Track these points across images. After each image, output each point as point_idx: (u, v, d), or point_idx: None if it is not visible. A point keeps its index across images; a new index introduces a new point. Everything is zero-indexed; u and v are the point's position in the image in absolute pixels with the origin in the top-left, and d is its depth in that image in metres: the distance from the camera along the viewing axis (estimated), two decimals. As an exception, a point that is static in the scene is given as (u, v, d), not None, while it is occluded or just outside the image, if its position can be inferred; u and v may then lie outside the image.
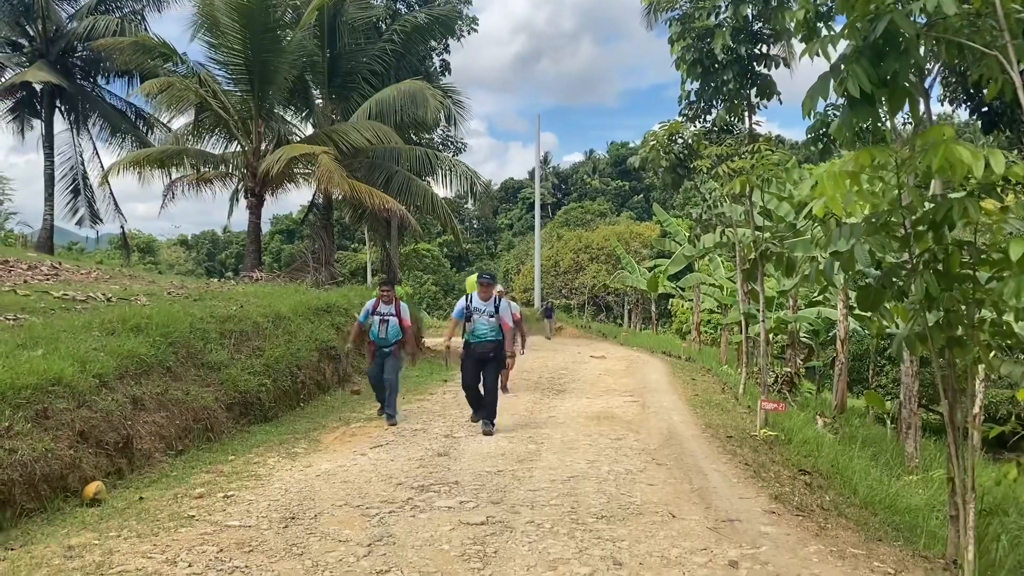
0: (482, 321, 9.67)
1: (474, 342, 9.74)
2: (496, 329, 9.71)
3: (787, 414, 10.81)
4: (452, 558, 5.17)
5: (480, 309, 9.72)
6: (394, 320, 10.32)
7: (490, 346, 9.69)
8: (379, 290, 10.66)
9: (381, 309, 10.35)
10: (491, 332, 9.69)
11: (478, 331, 9.72)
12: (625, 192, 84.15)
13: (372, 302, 10.52)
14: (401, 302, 10.59)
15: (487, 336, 9.70)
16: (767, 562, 5.23)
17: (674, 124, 11.45)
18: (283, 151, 18.10)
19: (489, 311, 9.70)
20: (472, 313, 9.74)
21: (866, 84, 5.25)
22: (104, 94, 27.21)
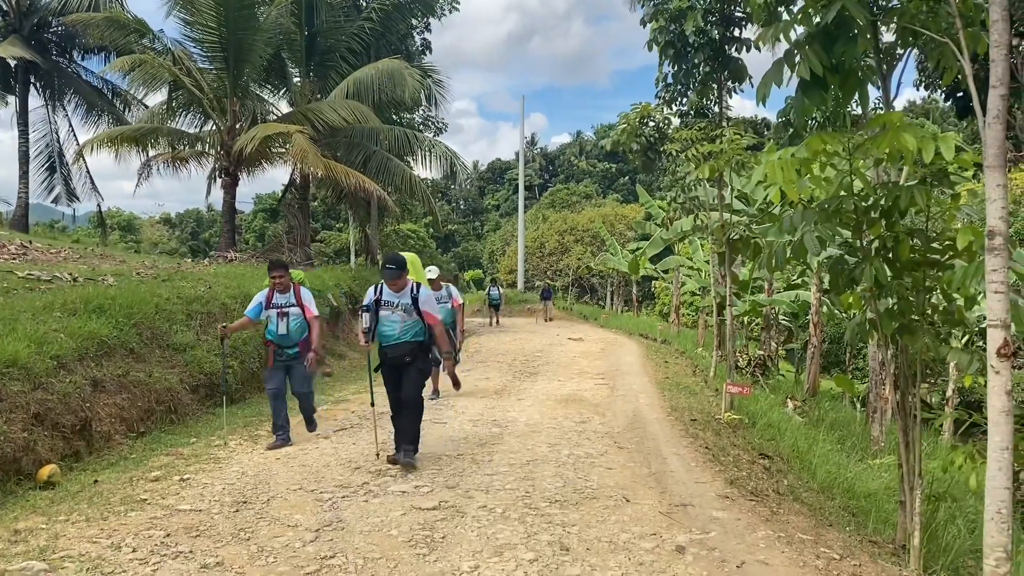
0: (393, 317, 7.21)
1: (385, 346, 7.30)
2: (415, 328, 7.26)
3: (754, 397, 10.86)
4: (399, 544, 5.17)
5: (391, 302, 7.25)
6: (296, 312, 8.21)
7: (407, 349, 7.23)
8: (269, 276, 8.34)
9: (277, 300, 8.23)
10: (406, 332, 7.22)
11: (385, 331, 7.27)
12: (612, 174, 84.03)
13: (265, 292, 8.31)
14: (303, 288, 8.45)
15: (400, 337, 7.23)
16: (714, 548, 5.25)
17: (645, 107, 11.41)
18: (257, 130, 17.94)
19: (404, 304, 7.21)
20: (380, 308, 7.31)
21: (817, 67, 5.23)
22: (80, 71, 26.89)
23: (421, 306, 7.15)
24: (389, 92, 21.07)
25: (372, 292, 7.31)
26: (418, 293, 7.15)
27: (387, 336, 7.19)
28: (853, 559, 5.28)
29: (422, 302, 7.16)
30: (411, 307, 7.11)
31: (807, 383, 15.71)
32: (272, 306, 8.24)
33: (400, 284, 7.10)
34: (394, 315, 7.15)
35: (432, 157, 23.66)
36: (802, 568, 4.97)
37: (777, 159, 4.97)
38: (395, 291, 7.14)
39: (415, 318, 7.16)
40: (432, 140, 24.70)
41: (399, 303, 7.15)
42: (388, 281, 7.11)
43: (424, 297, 7.20)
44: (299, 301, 8.29)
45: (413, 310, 7.12)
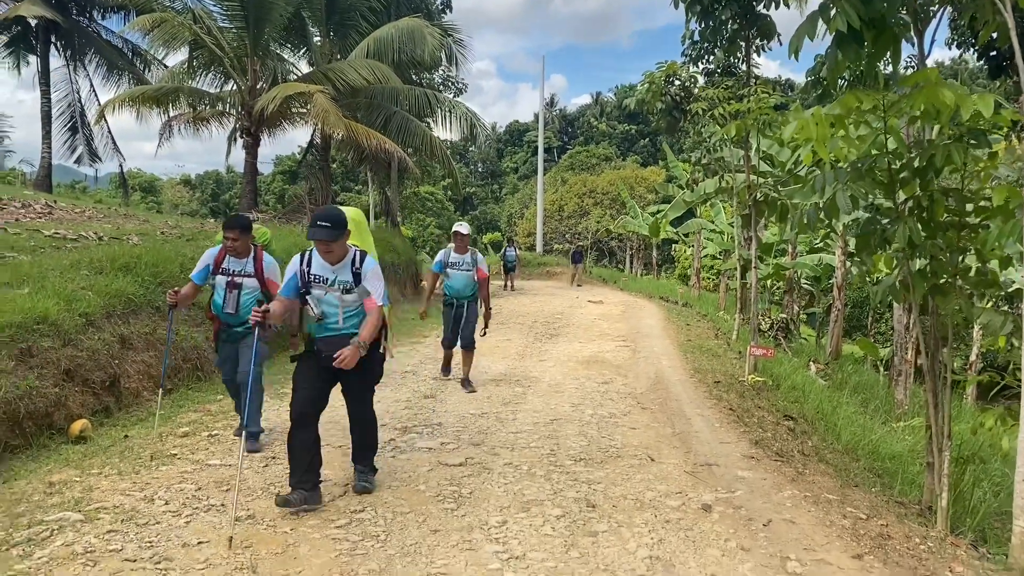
0: (328, 299, 5.31)
1: (319, 338, 5.39)
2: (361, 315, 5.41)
3: (778, 360, 10.83)
4: (427, 498, 5.22)
5: (322, 278, 5.34)
6: (250, 284, 6.34)
7: None
8: (223, 236, 6.32)
9: (229, 264, 6.35)
10: (349, 320, 5.38)
11: None
12: (632, 136, 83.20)
13: (215, 251, 6.41)
14: (265, 253, 6.54)
15: (342, 328, 5.38)
16: (740, 506, 5.27)
17: (671, 65, 11.22)
18: (278, 89, 17.84)
19: (342, 281, 5.32)
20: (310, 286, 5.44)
21: (854, 20, 5.11)
22: (100, 30, 26.76)
23: (365, 284, 5.13)
24: (409, 52, 20.86)
25: (297, 262, 5.17)
26: (362, 265, 5.14)
27: (324, 326, 5.20)
28: (880, 519, 5.28)
29: (367, 277, 5.14)
30: (352, 286, 5.14)
31: (830, 346, 15.63)
32: (221, 271, 6.33)
33: (337, 252, 5.03)
34: (329, 296, 5.15)
35: (452, 118, 23.47)
36: (829, 527, 4.98)
37: (816, 114, 4.87)
38: (330, 262, 5.08)
39: (360, 303, 5.18)
40: (452, 101, 24.47)
41: (336, 280, 5.12)
42: (319, 246, 5.01)
43: (368, 271, 5.15)
44: (258, 271, 6.33)
45: (355, 290, 5.15)
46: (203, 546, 4.32)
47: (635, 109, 12.27)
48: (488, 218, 75.28)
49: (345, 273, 5.12)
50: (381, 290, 5.17)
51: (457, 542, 4.50)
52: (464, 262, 8.98)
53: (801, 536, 4.80)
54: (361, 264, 5.15)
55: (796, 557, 4.45)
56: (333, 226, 4.90)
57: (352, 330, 5.14)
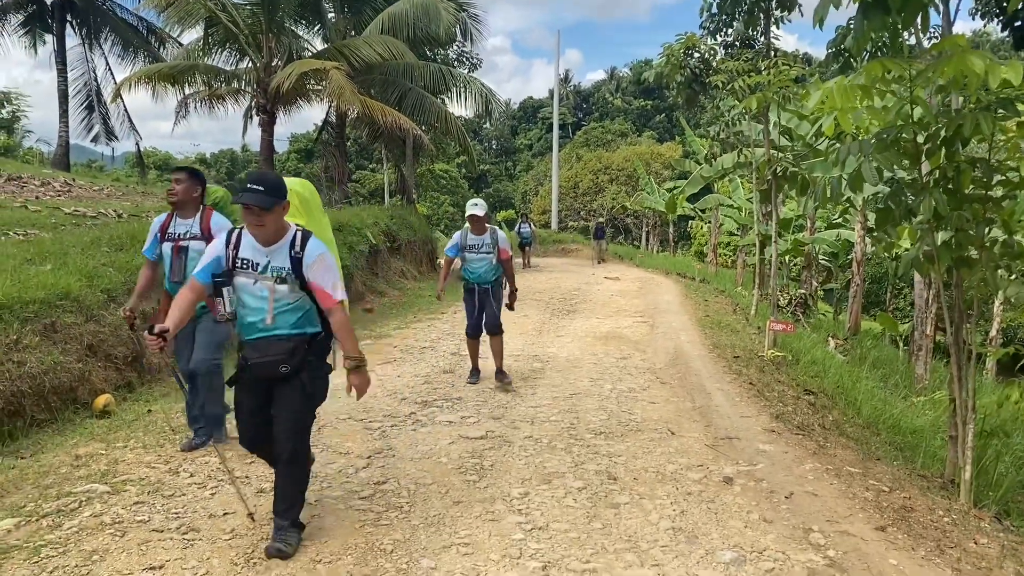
0: (257, 290, 4.10)
1: (248, 341, 4.20)
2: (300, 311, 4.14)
3: (797, 335, 10.78)
4: (449, 470, 5.25)
5: (252, 263, 4.12)
6: (197, 247, 5.33)
7: (281, 349, 4.09)
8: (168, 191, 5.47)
9: (175, 228, 5.43)
10: (283, 318, 4.10)
11: (247, 316, 4.20)
12: (647, 112, 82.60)
13: (161, 217, 5.55)
14: (217, 213, 5.55)
15: (273, 328, 4.14)
16: (762, 479, 5.27)
17: (690, 37, 11.09)
18: (294, 66, 17.78)
19: (277, 268, 4.05)
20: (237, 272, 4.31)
21: (882, -11, 5.01)
22: (115, 8, 26.78)
23: (307, 273, 3.89)
24: (424, 27, 20.71)
25: (222, 243, 4.01)
26: (303, 250, 3.91)
27: (250, 326, 4.02)
28: (903, 492, 5.27)
29: (308, 266, 3.90)
30: (291, 274, 3.91)
31: (849, 322, 15.54)
32: (168, 237, 5.42)
33: (270, 227, 3.85)
34: (258, 286, 3.94)
35: (467, 94, 23.33)
36: (852, 500, 4.97)
37: (839, 84, 4.81)
38: (262, 241, 3.90)
39: (299, 294, 3.96)
40: (467, 77, 24.33)
41: (268, 266, 3.92)
42: (248, 217, 3.82)
43: (313, 258, 3.90)
44: (205, 232, 5.37)
45: (295, 280, 3.91)
46: (229, 517, 4.37)
47: (654, 83, 12.16)
48: (502, 195, 75.08)
49: (281, 258, 3.90)
50: (332, 282, 3.92)
51: (480, 513, 4.53)
52: (483, 244, 7.86)
53: (824, 508, 4.80)
54: (303, 248, 3.89)
55: (819, 529, 4.44)
56: (267, 190, 3.76)
57: (288, 330, 3.95)
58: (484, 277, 7.95)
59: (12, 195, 12.77)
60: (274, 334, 3.98)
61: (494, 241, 7.90)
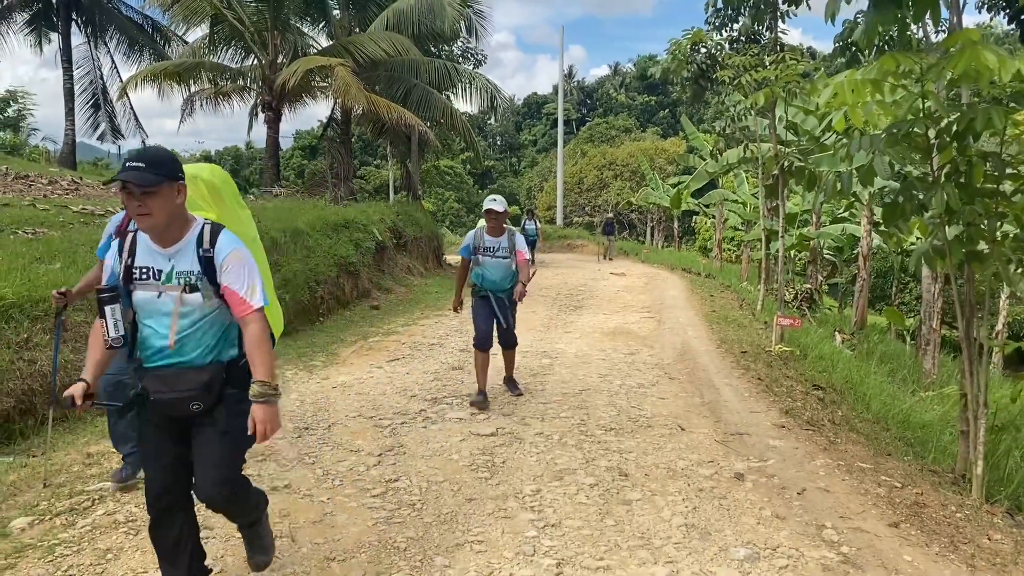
0: (160, 304, 3.08)
1: (151, 369, 3.13)
2: (219, 334, 3.20)
3: (804, 330, 10.76)
4: (460, 467, 5.26)
5: (153, 272, 3.08)
6: None
7: (195, 382, 3.10)
8: None
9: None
10: (194, 340, 3.11)
11: (149, 338, 3.13)
12: (651, 107, 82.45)
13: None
14: None
15: (183, 353, 3.11)
16: (773, 475, 5.27)
17: (697, 33, 11.05)
18: (299, 63, 17.81)
19: (186, 274, 3.06)
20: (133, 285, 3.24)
21: (893, -17, 5.00)
22: (120, 6, 26.77)
23: (220, 276, 3.06)
24: (429, 23, 20.71)
25: (114, 252, 3.15)
26: (214, 246, 3.06)
27: (152, 351, 3.09)
28: (914, 487, 5.26)
29: (220, 265, 3.06)
30: (202, 279, 3.05)
31: (855, 316, 15.49)
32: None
33: (159, 217, 2.94)
34: (165, 299, 3.05)
35: (472, 90, 23.32)
36: (864, 496, 4.97)
37: (849, 78, 4.79)
38: (155, 237, 3.04)
39: (215, 305, 3.10)
40: (472, 73, 24.32)
41: (172, 272, 3.05)
42: (127, 202, 2.95)
43: (225, 254, 3.06)
44: None
45: (208, 287, 3.07)
46: (242, 514, 4.37)
47: (660, 78, 12.12)
48: (507, 191, 74.96)
49: (187, 259, 3.02)
50: (249, 284, 3.04)
51: (492, 510, 4.53)
52: (500, 247, 6.95)
53: (836, 504, 4.79)
54: (213, 245, 3.04)
55: (832, 525, 4.44)
56: (149, 166, 2.84)
57: (201, 356, 3.05)
58: (500, 285, 7.02)
59: (20, 193, 12.79)
60: (183, 361, 3.05)
61: (512, 244, 6.96)
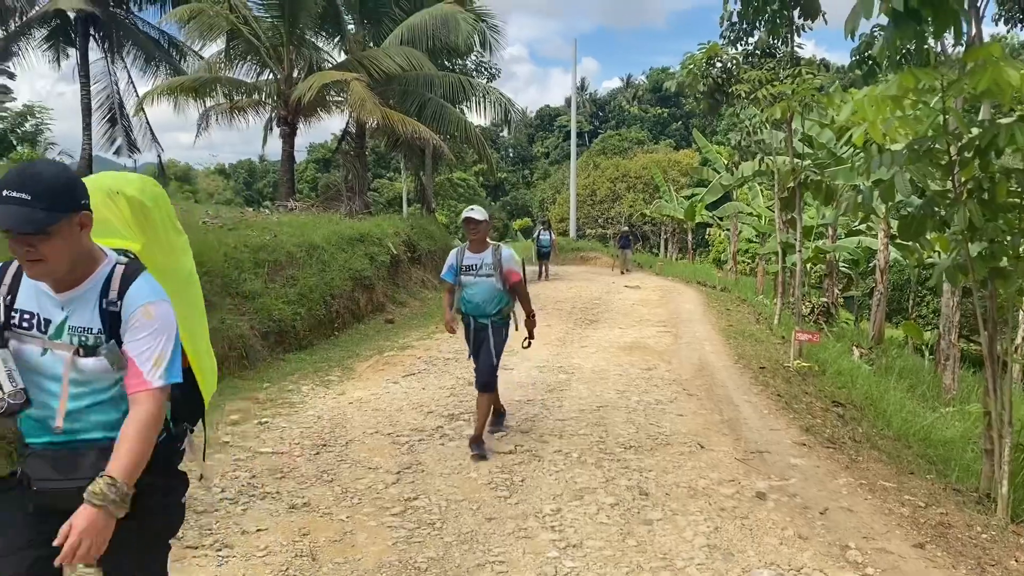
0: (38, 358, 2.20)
1: (31, 446, 2.24)
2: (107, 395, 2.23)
3: (822, 345, 10.69)
4: (479, 486, 5.23)
5: (34, 319, 2.21)
6: None
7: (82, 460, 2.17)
8: None
9: None
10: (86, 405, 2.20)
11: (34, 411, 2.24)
12: (664, 119, 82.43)
13: None
14: None
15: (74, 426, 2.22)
16: (795, 494, 5.22)
17: (712, 47, 11.06)
18: (315, 78, 17.92)
19: (81, 332, 2.19)
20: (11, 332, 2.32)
21: (913, -1, 4.97)
22: (137, 21, 27.04)
23: (124, 343, 2.19)
24: (443, 38, 20.80)
25: None
26: (123, 300, 2.20)
27: (37, 424, 2.23)
28: (939, 507, 5.20)
29: (136, 324, 2.19)
30: (102, 338, 2.19)
31: (872, 331, 15.39)
32: None
33: (57, 264, 2.12)
34: (50, 359, 2.21)
35: (486, 104, 23.41)
36: (887, 516, 4.91)
37: (870, 95, 4.77)
38: (50, 282, 2.20)
39: (103, 366, 2.19)
40: (486, 86, 24.42)
41: (67, 325, 2.20)
42: (15, 252, 2.11)
43: (134, 309, 2.19)
44: None
45: (112, 351, 2.18)
46: (262, 533, 4.37)
47: (676, 91, 12.12)
48: (519, 203, 75.13)
49: (85, 311, 2.22)
50: (156, 354, 2.19)
51: (513, 530, 4.50)
52: (483, 264, 6.03)
53: (860, 524, 4.74)
54: (122, 295, 2.22)
55: (856, 546, 4.39)
56: (37, 198, 2.03)
57: (96, 435, 2.23)
58: (482, 308, 6.05)
59: (38, 208, 12.90)
60: (75, 442, 2.24)
61: (497, 260, 6.01)
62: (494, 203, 66.80)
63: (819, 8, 10.27)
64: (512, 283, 6.09)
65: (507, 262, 6.04)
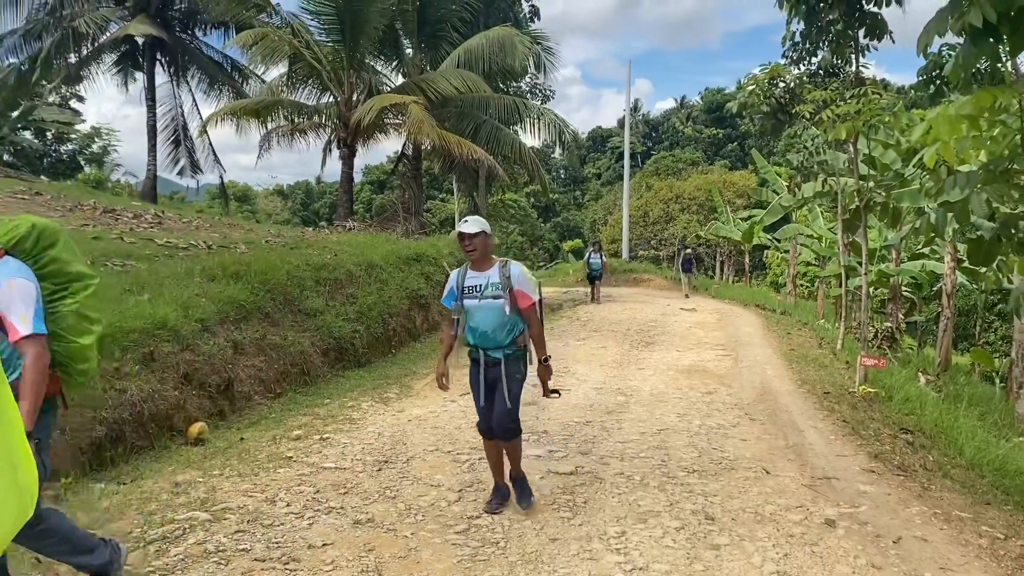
0: None
1: None
2: None
3: (888, 371, 10.41)
4: (542, 506, 5.20)
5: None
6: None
7: None
8: None
9: None
10: None
11: None
12: (719, 140, 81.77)
13: None
14: (11, 259, 3.36)
15: None
16: (866, 522, 5.07)
17: (775, 67, 10.95)
18: (374, 101, 18.24)
19: None
20: None
21: (990, 14, 4.85)
22: (201, 46, 27.92)
23: None
24: (500, 61, 21.06)
25: None
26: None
27: None
28: (1019, 539, 5.01)
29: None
30: None
31: (939, 357, 14.96)
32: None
33: None
34: None
35: (540, 125, 23.56)
36: (964, 547, 4.74)
37: (943, 114, 4.66)
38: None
39: None
40: (540, 108, 24.59)
41: None
42: None
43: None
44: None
45: None
46: (328, 548, 4.40)
47: (736, 112, 12.02)
48: (571, 224, 75.09)
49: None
50: None
51: (577, 551, 4.46)
52: (488, 284, 4.95)
53: (935, 555, 4.58)
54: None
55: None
56: None
57: None
58: (491, 338, 5.00)
59: (108, 227, 13.29)
60: None
61: (505, 280, 4.91)
62: (544, 223, 66.83)
63: (886, 27, 10.09)
64: (523, 308, 4.92)
65: (517, 281, 4.91)
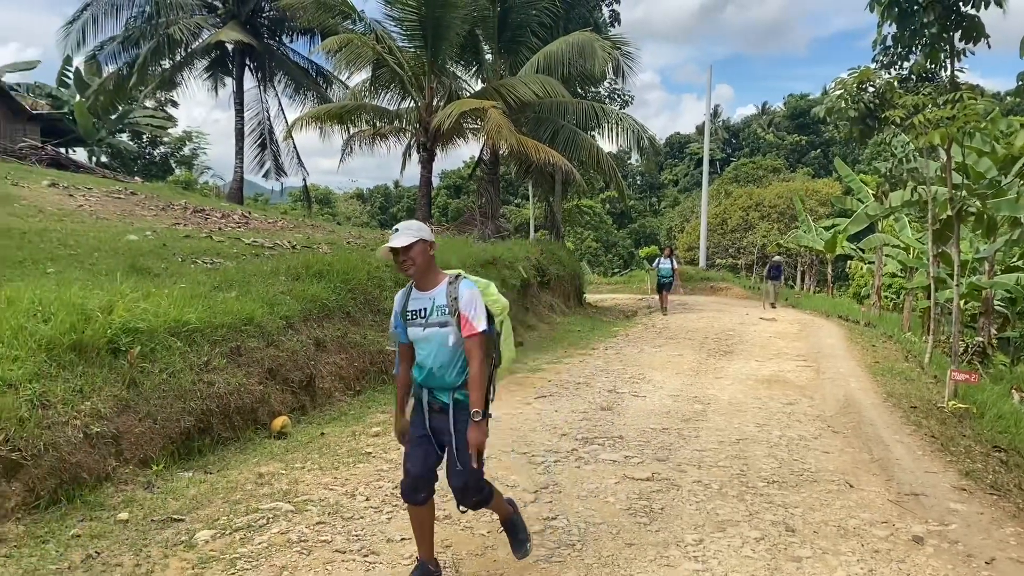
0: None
1: None
2: None
3: (979, 386, 10.00)
4: (618, 511, 5.16)
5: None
6: None
7: None
8: None
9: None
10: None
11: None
12: (801, 147, 79.90)
13: None
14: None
15: None
16: (956, 540, 4.88)
17: (864, 71, 10.62)
18: (454, 106, 18.40)
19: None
20: None
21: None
22: (288, 52, 28.78)
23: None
24: (578, 65, 20.97)
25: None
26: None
27: None
28: (1125, 567, 4.73)
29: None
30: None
31: (1034, 374, 14.30)
32: None
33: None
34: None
35: (619, 130, 23.38)
36: (1065, 572, 4.51)
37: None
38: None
39: None
40: (619, 113, 24.42)
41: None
42: None
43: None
44: None
45: None
46: (406, 542, 4.46)
47: (824, 117, 11.71)
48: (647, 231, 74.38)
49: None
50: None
51: (654, 557, 4.42)
52: (434, 308, 3.77)
53: (1033, 579, 4.38)
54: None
55: (1031, 602, 4.05)
56: None
57: None
58: (438, 378, 3.85)
59: (198, 226, 13.81)
60: None
61: (452, 301, 3.72)
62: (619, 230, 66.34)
63: (983, 31, 9.69)
64: (465, 336, 3.70)
65: (465, 306, 3.69)
